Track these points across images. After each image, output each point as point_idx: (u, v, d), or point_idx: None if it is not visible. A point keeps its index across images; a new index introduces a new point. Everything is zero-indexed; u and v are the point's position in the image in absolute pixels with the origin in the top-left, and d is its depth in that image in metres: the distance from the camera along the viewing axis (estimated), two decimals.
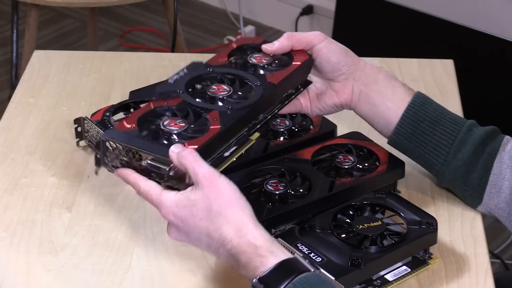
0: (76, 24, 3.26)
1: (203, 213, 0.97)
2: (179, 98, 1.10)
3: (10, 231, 1.17)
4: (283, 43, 1.16)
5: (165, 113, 1.08)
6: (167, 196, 0.99)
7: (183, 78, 1.13)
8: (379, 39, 2.70)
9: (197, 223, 0.97)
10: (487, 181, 1.16)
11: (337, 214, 1.11)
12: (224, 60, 1.17)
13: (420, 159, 1.19)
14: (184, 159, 0.98)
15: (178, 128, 1.05)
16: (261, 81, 1.13)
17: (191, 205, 0.97)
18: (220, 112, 1.07)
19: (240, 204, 0.97)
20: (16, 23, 2.36)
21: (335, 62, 1.16)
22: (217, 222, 0.96)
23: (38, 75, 1.49)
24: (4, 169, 1.28)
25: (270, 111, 1.14)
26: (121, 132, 1.04)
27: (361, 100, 1.18)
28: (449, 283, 1.09)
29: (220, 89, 1.11)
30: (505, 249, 2.31)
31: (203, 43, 3.18)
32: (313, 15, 3.15)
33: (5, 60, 3.01)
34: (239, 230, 0.95)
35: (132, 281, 1.10)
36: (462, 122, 1.17)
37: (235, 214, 0.96)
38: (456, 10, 2.55)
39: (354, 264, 1.04)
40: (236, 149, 1.08)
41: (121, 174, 1.03)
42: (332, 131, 1.29)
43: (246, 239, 0.95)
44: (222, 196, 0.97)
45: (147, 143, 1.02)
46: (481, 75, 2.52)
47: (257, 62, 1.16)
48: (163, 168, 1.00)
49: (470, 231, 1.17)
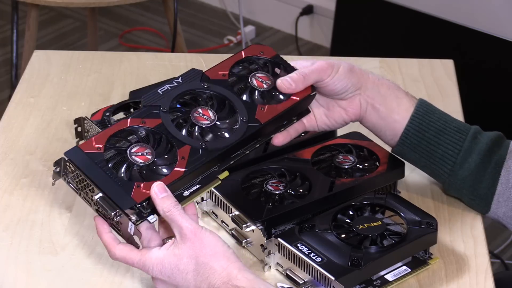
0: (76, 24, 3.26)
1: (189, 266, 1.00)
2: (158, 119, 1.06)
3: (10, 231, 1.17)
4: (298, 85, 1.11)
5: (138, 134, 1.05)
6: (149, 256, 1.01)
7: (174, 91, 1.09)
8: (379, 39, 2.70)
9: (184, 277, 1.00)
10: (495, 190, 1.15)
11: (337, 214, 1.11)
12: (225, 73, 1.12)
13: (426, 168, 1.18)
14: (170, 213, 1.00)
15: (142, 161, 1.02)
16: (250, 115, 1.08)
17: (177, 260, 1.00)
18: (191, 149, 1.04)
19: (224, 253, 1.00)
20: (16, 23, 2.36)
21: (342, 88, 1.14)
22: (205, 273, 0.99)
23: (38, 75, 1.49)
24: (4, 169, 1.28)
25: (250, 146, 1.09)
26: (84, 154, 1.02)
27: (368, 113, 1.16)
28: (449, 283, 1.09)
29: (205, 115, 1.07)
30: (505, 249, 2.31)
31: (203, 43, 3.18)
32: (313, 15, 3.15)
33: (5, 60, 3.01)
34: (225, 276, 0.99)
35: (132, 281, 1.10)
36: (467, 130, 1.16)
37: (221, 263, 0.99)
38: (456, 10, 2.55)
39: (354, 264, 1.04)
40: (198, 188, 1.05)
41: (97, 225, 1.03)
42: (332, 131, 1.28)
43: (231, 283, 0.98)
44: (206, 247, 1.00)
45: (103, 178, 1.00)
46: (481, 75, 2.51)
47: (257, 85, 1.11)
48: (108, 212, 1.00)
49: (470, 231, 1.17)
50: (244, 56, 1.15)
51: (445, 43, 2.56)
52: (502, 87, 2.52)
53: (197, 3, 3.42)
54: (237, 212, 1.12)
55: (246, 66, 1.15)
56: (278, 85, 1.12)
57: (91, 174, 1.01)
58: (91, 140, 1.03)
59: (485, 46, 2.51)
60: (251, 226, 1.10)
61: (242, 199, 1.14)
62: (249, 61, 1.15)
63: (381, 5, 2.65)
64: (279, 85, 1.12)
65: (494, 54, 2.51)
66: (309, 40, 3.15)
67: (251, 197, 1.15)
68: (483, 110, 2.48)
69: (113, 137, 1.05)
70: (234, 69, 1.14)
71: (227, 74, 1.13)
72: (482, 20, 2.51)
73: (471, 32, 2.51)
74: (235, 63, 1.14)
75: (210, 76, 1.12)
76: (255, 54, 1.16)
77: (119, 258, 1.02)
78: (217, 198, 1.16)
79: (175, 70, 1.51)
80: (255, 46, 1.17)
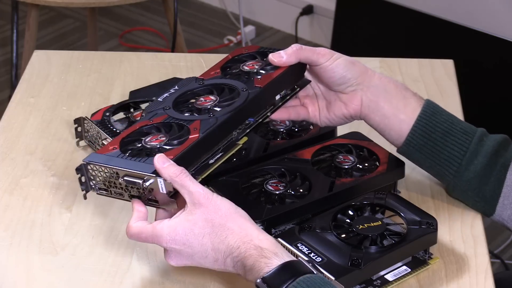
0: (76, 24, 3.26)
1: (205, 229, 0.98)
2: (165, 115, 1.10)
3: (10, 231, 1.17)
4: (290, 56, 1.14)
5: (150, 131, 1.09)
6: (161, 226, 1.00)
7: (172, 95, 1.14)
8: (379, 39, 2.70)
9: (200, 241, 0.99)
10: (500, 192, 1.15)
11: (337, 214, 1.11)
12: (217, 72, 1.17)
13: (432, 170, 1.18)
14: (178, 178, 0.99)
15: (158, 143, 1.05)
16: (248, 85, 1.12)
17: (191, 225, 0.99)
18: (201, 121, 1.08)
19: (240, 213, 0.99)
20: (16, 23, 2.36)
21: (340, 76, 1.15)
22: (222, 234, 0.98)
23: (38, 75, 1.49)
24: (4, 169, 1.28)
25: (261, 114, 1.13)
26: (101, 155, 1.05)
27: (371, 110, 1.16)
28: (449, 283, 1.09)
29: (207, 100, 1.12)
30: (505, 249, 2.31)
31: (203, 43, 3.18)
32: (313, 15, 3.15)
33: (5, 60, 3.01)
34: (245, 236, 0.97)
35: (132, 281, 1.10)
36: (473, 132, 1.16)
37: (238, 222, 0.98)
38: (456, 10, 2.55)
39: (354, 264, 1.04)
40: (222, 155, 1.08)
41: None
42: (332, 131, 1.28)
43: (252, 243, 0.97)
44: (220, 209, 0.99)
45: (123, 161, 1.03)
46: (481, 75, 2.52)
47: (249, 69, 1.16)
48: (137, 182, 1.01)
49: (470, 231, 1.17)
50: (231, 57, 1.20)
51: (445, 43, 2.56)
52: (502, 87, 2.52)
53: (197, 3, 3.42)
54: None
55: (236, 62, 1.19)
56: (269, 58, 1.14)
57: (113, 163, 1.03)
58: (106, 146, 1.07)
59: (485, 46, 2.51)
60: None
61: (242, 199, 1.14)
62: (237, 59, 1.20)
63: (381, 5, 2.65)
64: (270, 59, 1.14)
65: (494, 54, 2.51)
66: (309, 40, 3.15)
67: (251, 197, 1.15)
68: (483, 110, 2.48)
69: (126, 138, 1.08)
70: (225, 67, 1.19)
71: (219, 72, 1.17)
72: (482, 20, 2.51)
73: (471, 32, 2.51)
74: (225, 63, 1.19)
75: (204, 77, 1.17)
76: (241, 53, 1.20)
77: (133, 235, 1.01)
78: None
79: (175, 70, 1.51)
80: (238, 49, 1.22)
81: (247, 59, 1.19)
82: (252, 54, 1.20)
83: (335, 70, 1.14)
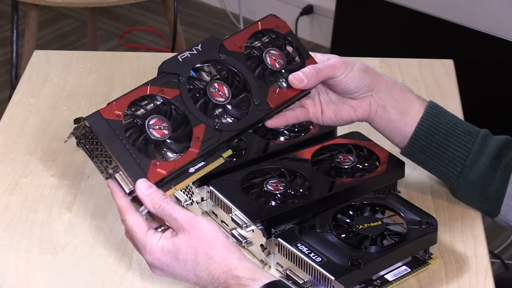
0: (76, 24, 3.26)
1: (188, 256, 1.00)
2: (176, 90, 1.08)
3: (10, 231, 1.17)
4: (311, 80, 1.12)
5: (156, 104, 1.06)
6: (151, 241, 1.00)
7: (193, 59, 1.11)
8: (379, 39, 2.70)
9: (183, 266, 1.00)
10: (504, 192, 1.15)
11: (337, 214, 1.11)
12: (242, 45, 1.14)
13: (435, 171, 1.18)
14: (160, 209, 1.00)
15: (159, 136, 1.04)
16: (261, 98, 1.10)
17: (176, 250, 1.00)
18: (205, 129, 1.06)
19: (223, 242, 1.00)
20: (16, 23, 2.36)
21: (355, 87, 1.14)
22: (205, 263, 0.99)
23: (38, 75, 1.49)
24: (4, 169, 1.28)
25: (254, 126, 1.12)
26: (105, 120, 1.03)
27: (378, 115, 1.16)
28: (449, 283, 1.09)
29: (220, 91, 1.09)
30: (505, 249, 2.31)
31: None
32: (313, 15, 3.15)
33: (5, 60, 3.01)
34: (225, 266, 0.99)
35: (132, 281, 1.10)
36: (476, 133, 1.16)
37: (220, 253, 0.99)
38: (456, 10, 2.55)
39: (354, 264, 1.04)
40: (203, 165, 1.07)
41: (112, 189, 1.03)
42: (332, 131, 1.28)
43: (230, 273, 0.98)
44: (205, 237, 1.00)
45: (122, 152, 1.02)
46: (481, 75, 2.52)
47: (270, 64, 1.13)
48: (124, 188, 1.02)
49: (470, 231, 1.17)
50: (261, 28, 1.17)
51: (445, 43, 2.56)
52: (502, 87, 2.52)
53: (197, 3, 3.42)
54: (237, 212, 1.12)
55: (262, 40, 1.16)
56: (290, 81, 1.12)
57: (111, 147, 1.02)
58: (111, 105, 1.05)
59: (485, 46, 2.51)
60: (251, 226, 1.10)
61: (242, 199, 1.14)
62: (265, 34, 1.17)
63: (381, 5, 2.65)
64: (290, 81, 1.12)
65: (494, 54, 2.51)
66: (309, 40, 3.15)
67: (251, 197, 1.15)
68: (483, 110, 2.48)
69: (133, 104, 1.06)
70: (250, 41, 1.16)
71: (243, 47, 1.14)
72: (482, 20, 2.51)
73: (471, 32, 2.51)
74: (252, 35, 1.16)
75: (228, 46, 1.14)
76: (270, 27, 1.17)
77: (127, 225, 1.02)
78: (217, 198, 1.16)
79: None
80: (271, 19, 1.18)
81: (273, 44, 1.15)
82: (278, 42, 1.16)
83: (349, 82, 1.14)
